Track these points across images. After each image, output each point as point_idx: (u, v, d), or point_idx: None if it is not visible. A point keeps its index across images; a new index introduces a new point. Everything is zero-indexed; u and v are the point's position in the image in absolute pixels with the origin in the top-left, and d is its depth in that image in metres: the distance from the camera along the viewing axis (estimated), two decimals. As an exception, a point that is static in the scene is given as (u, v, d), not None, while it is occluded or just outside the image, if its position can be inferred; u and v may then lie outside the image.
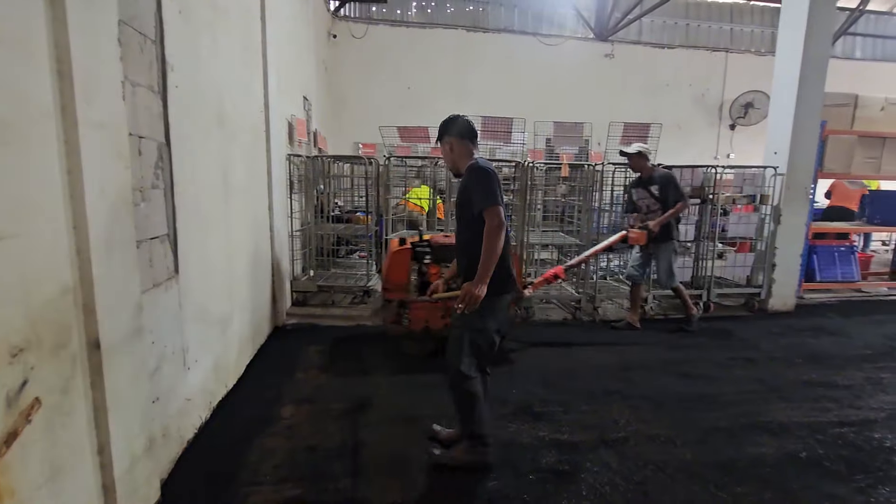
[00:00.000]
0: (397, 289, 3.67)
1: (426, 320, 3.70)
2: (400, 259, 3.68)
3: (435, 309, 3.67)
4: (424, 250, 3.67)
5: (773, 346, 4.37)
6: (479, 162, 2.32)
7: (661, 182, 4.40)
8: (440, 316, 3.67)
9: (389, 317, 3.72)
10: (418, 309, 3.68)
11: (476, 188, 2.23)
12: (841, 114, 5.94)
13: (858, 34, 11.50)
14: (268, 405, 3.01)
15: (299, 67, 5.72)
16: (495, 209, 2.18)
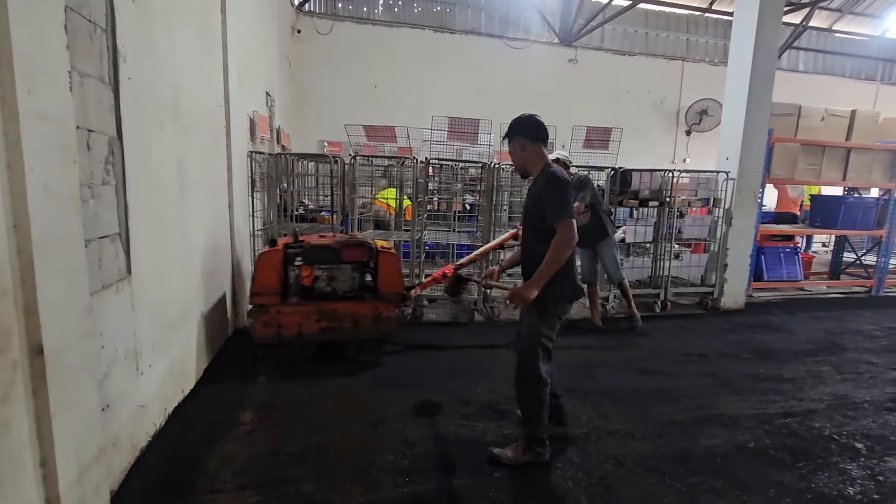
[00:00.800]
0: (267, 293, 3.42)
1: (299, 325, 3.48)
2: (269, 261, 3.45)
3: (309, 313, 3.47)
4: (296, 252, 3.53)
5: (725, 342, 4.59)
6: (556, 170, 2.36)
7: (578, 185, 4.42)
8: (315, 320, 3.48)
9: (259, 324, 3.41)
10: (291, 314, 3.46)
11: (552, 198, 2.28)
12: (786, 123, 6.32)
13: (802, 48, 12.25)
14: (227, 410, 2.91)
15: (262, 62, 5.56)
16: (569, 223, 2.25)
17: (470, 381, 3.44)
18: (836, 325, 5.25)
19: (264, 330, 3.42)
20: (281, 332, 3.46)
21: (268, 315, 3.42)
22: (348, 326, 3.57)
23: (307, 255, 3.53)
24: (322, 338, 3.56)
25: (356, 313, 3.57)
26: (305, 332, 3.50)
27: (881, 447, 2.80)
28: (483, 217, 5.05)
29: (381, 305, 3.61)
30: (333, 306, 3.53)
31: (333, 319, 3.52)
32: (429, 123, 5.23)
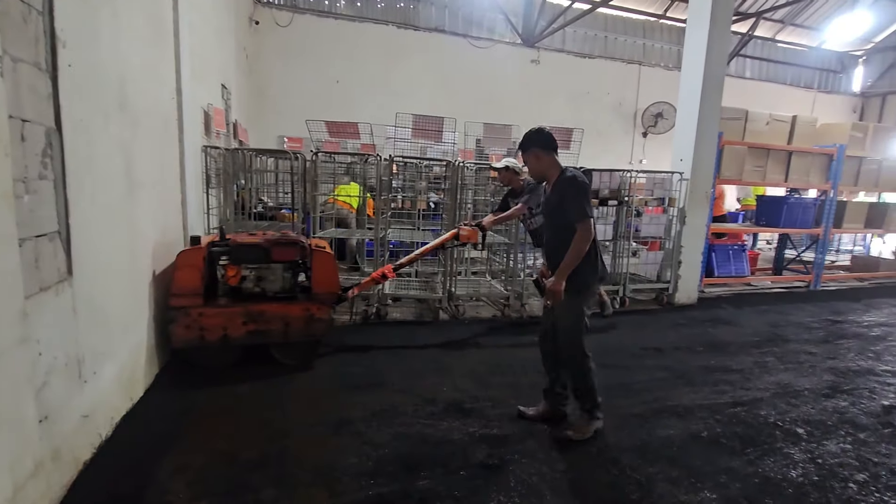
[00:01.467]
0: (187, 294, 3.19)
1: (224, 328, 3.27)
2: (190, 260, 3.21)
3: (234, 315, 3.28)
4: (222, 250, 3.34)
5: (679, 336, 4.78)
6: (576, 174, 2.64)
7: (529, 191, 4.37)
8: (241, 322, 3.29)
9: (178, 327, 3.18)
10: (214, 316, 3.24)
11: (574, 198, 2.56)
12: (734, 127, 6.65)
13: (748, 56, 12.93)
14: (181, 417, 2.78)
15: (217, 53, 5.34)
16: (589, 222, 2.54)
17: (435, 381, 3.43)
18: (779, 318, 5.58)
19: (185, 333, 3.19)
20: (204, 336, 3.24)
21: (188, 318, 3.19)
22: (278, 329, 3.40)
23: (234, 254, 3.35)
24: (250, 341, 3.36)
25: (287, 315, 3.40)
26: (231, 336, 3.30)
27: (819, 431, 2.99)
28: (447, 215, 5.04)
29: (313, 306, 3.47)
30: (262, 307, 3.35)
31: (262, 322, 3.34)
32: (393, 121, 5.17)
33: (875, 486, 2.46)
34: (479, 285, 5.52)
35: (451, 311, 5.02)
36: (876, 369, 4.10)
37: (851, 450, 2.80)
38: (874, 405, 3.40)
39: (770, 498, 2.32)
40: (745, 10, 11.48)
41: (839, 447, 2.82)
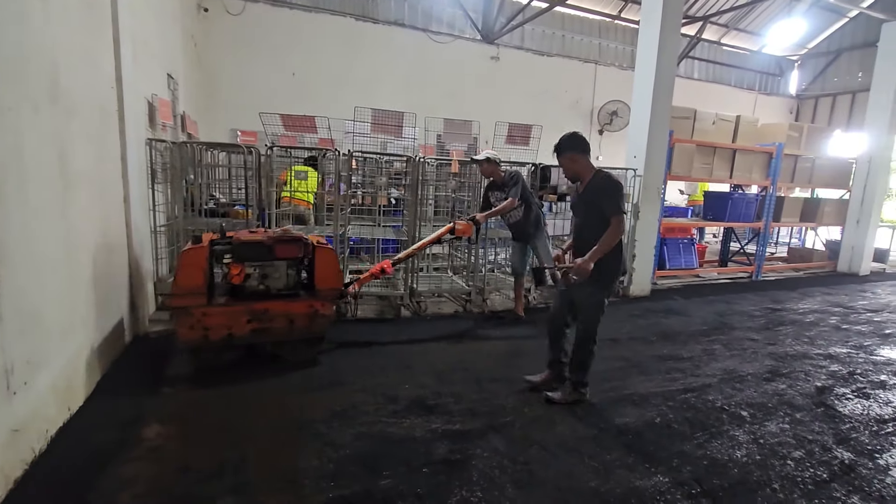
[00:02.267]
0: (190, 293, 3.11)
1: (229, 327, 3.23)
2: (193, 259, 3.13)
3: (238, 314, 3.24)
4: (225, 248, 3.28)
5: (634, 326, 4.96)
6: (610, 174, 2.98)
7: (508, 183, 4.54)
8: (245, 321, 3.27)
9: (182, 327, 3.13)
10: (218, 315, 3.20)
11: (610, 196, 2.88)
12: (684, 125, 6.95)
13: (696, 58, 13.53)
14: (126, 427, 2.62)
15: (162, 40, 5.04)
16: (621, 217, 2.86)
17: (397, 378, 3.40)
18: (725, 308, 5.89)
19: (189, 334, 3.14)
20: (207, 336, 3.19)
21: (192, 318, 3.13)
22: (282, 326, 3.39)
23: (237, 252, 3.27)
24: (254, 340, 3.35)
25: (291, 312, 3.39)
26: (235, 334, 3.26)
27: (762, 413, 3.18)
28: (409, 211, 5.00)
29: (317, 303, 3.45)
30: (266, 305, 3.32)
31: (266, 320, 3.33)
32: (351, 115, 5.06)
33: (809, 461, 2.64)
34: (440, 281, 5.52)
35: (413, 307, 4.99)
36: (810, 353, 4.40)
37: (789, 429, 2.99)
38: (809, 387, 3.65)
39: (717, 479, 2.44)
40: (694, 14, 11.98)
41: (778, 427, 3.01)
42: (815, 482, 2.46)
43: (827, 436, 2.93)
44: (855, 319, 5.64)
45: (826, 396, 3.50)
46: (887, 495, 2.39)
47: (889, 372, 4.03)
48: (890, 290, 7.55)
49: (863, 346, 4.69)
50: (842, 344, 4.71)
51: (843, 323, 5.47)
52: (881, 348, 4.63)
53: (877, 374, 3.98)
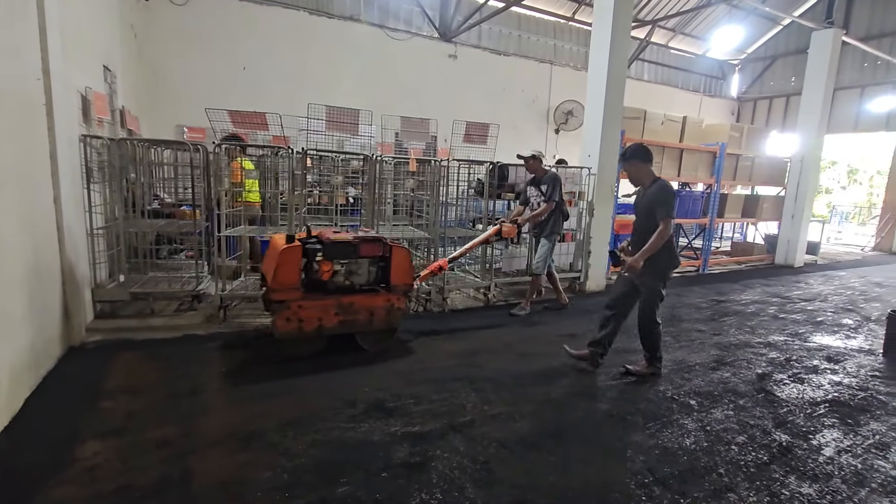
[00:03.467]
0: (287, 289, 3.41)
1: (320, 319, 3.54)
2: (290, 257, 3.41)
3: (328, 307, 3.54)
4: (315, 247, 3.53)
5: (591, 322, 5.06)
6: (665, 183, 3.43)
7: (548, 183, 5.03)
8: (333, 313, 3.57)
9: (280, 319, 3.40)
10: (311, 308, 3.49)
11: (664, 203, 3.31)
12: (635, 125, 7.19)
13: (646, 61, 14.05)
14: (58, 445, 2.43)
15: (96, 30, 4.71)
16: (670, 221, 3.28)
17: (356, 381, 3.33)
18: (675, 301, 6.14)
19: (285, 325, 3.43)
20: (302, 327, 3.48)
21: (289, 310, 3.42)
22: (364, 319, 3.70)
23: (328, 251, 3.55)
24: (340, 330, 3.65)
25: (371, 305, 3.71)
26: (325, 326, 3.56)
27: (708, 402, 3.33)
28: (367, 210, 4.91)
29: (393, 297, 3.77)
30: (351, 299, 3.63)
31: (351, 312, 3.64)
32: (305, 111, 4.90)
33: (751, 445, 2.79)
34: (400, 281, 5.45)
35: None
36: (752, 342, 4.66)
37: (733, 415, 3.15)
38: (750, 374, 3.86)
39: (668, 466, 2.53)
40: (643, 18, 12.43)
41: (724, 414, 3.16)
42: (756, 465, 2.59)
43: (767, 420, 3.11)
44: (791, 309, 6.03)
45: (766, 383, 3.71)
46: (820, 473, 2.55)
47: (821, 357, 4.32)
48: (821, 280, 8.13)
49: (798, 333, 5.01)
50: (779, 332, 5.02)
51: (780, 312, 5.83)
52: (814, 335, 4.97)
53: (810, 359, 4.26)
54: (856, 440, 2.91)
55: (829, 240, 14.28)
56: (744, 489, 2.38)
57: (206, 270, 4.75)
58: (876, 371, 4.05)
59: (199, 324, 4.24)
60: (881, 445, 2.86)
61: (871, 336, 4.99)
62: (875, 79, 12.84)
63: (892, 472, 2.59)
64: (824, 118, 8.89)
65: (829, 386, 3.70)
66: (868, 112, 13.03)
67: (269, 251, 3.73)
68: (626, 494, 2.29)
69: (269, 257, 3.71)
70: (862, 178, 21.65)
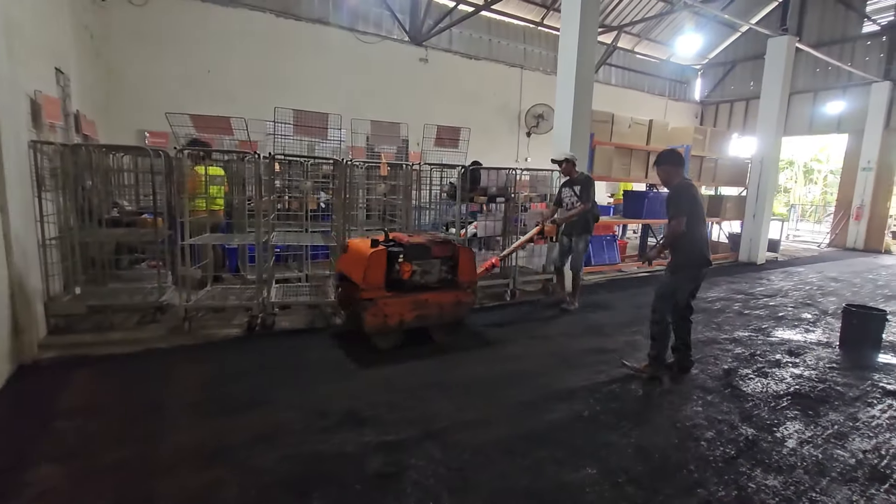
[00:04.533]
0: (375, 288, 3.81)
1: (401, 314, 3.91)
2: (378, 260, 3.82)
3: (406, 303, 3.92)
4: (397, 250, 3.91)
5: (563, 322, 5.14)
6: (680, 185, 3.60)
7: (581, 184, 5.33)
8: (411, 309, 3.94)
9: (369, 315, 3.79)
10: (393, 305, 3.86)
11: (671, 202, 3.56)
12: (604, 129, 7.33)
13: (613, 65, 14.38)
14: (5, 472, 2.28)
15: (46, 30, 4.48)
16: (675, 220, 3.50)
17: (328, 391, 3.26)
18: (645, 300, 6.17)
19: (373, 320, 3.82)
20: (386, 321, 3.87)
21: (376, 307, 3.80)
22: (436, 313, 4.08)
23: (408, 253, 3.91)
24: (416, 324, 4.02)
25: (442, 301, 4.09)
26: (405, 320, 3.95)
27: (679, 399, 3.40)
28: (337, 216, 4.84)
29: (460, 294, 4.16)
30: (426, 296, 4.01)
31: (425, 308, 4.02)
32: (272, 116, 4.79)
33: (719, 440, 2.85)
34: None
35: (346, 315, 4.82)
36: (718, 338, 4.80)
37: (702, 411, 3.22)
38: (717, 370, 3.97)
39: (641, 465, 2.56)
40: (609, 24, 12.73)
41: (693, 410, 3.23)
42: (724, 460, 2.65)
43: (734, 415, 3.19)
44: (754, 305, 6.24)
45: (732, 378, 3.81)
46: (784, 465, 2.63)
47: (783, 351, 4.48)
48: (782, 276, 8.46)
49: (761, 328, 5.18)
50: (744, 328, 5.18)
51: (744, 308, 6.03)
52: (776, 330, 5.15)
53: (773, 353, 4.41)
54: (816, 431, 3.02)
55: (789, 237, 14.92)
56: (713, 484, 2.43)
57: (170, 280, 4.57)
58: (833, 363, 4.22)
59: (162, 336, 4.07)
60: (839, 435, 2.98)
61: (828, 329, 5.21)
62: (827, 83, 13.50)
63: (850, 461, 2.69)
64: (781, 121, 9.28)
65: (790, 379, 3.83)
66: (821, 115, 13.68)
67: (353, 254, 4.06)
68: (600, 495, 2.31)
69: (353, 260, 4.01)
70: (817, 177, 22.71)
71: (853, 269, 9.41)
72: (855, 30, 12.80)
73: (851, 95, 12.86)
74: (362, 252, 3.88)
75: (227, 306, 4.57)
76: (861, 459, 2.71)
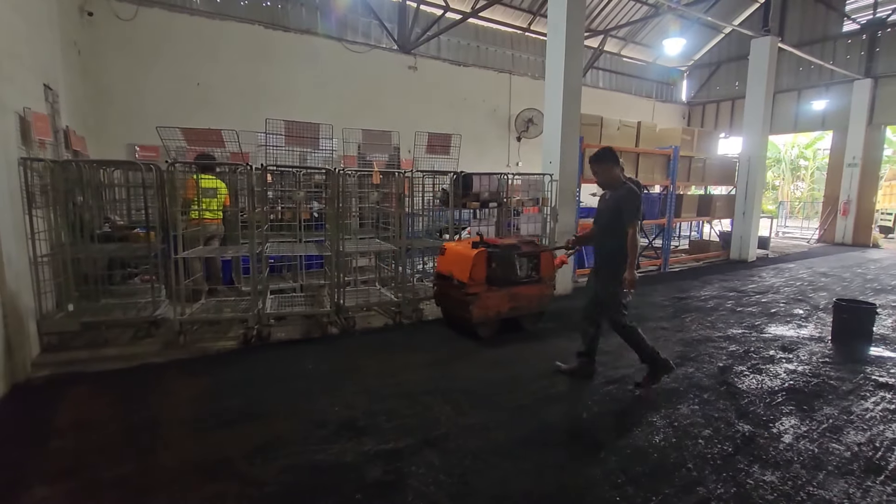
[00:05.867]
0: (479, 284, 4.39)
1: (499, 307, 4.54)
2: (481, 259, 4.42)
3: (503, 296, 4.54)
4: (495, 250, 4.50)
5: (557, 324, 5.16)
6: (632, 187, 3.41)
7: None
8: (506, 301, 4.57)
9: (476, 308, 4.39)
10: (493, 298, 4.48)
11: (633, 204, 3.33)
12: (593, 132, 7.41)
13: (601, 69, 14.55)
14: (1, 492, 2.25)
15: (34, 47, 4.47)
16: (634, 226, 3.32)
17: (325, 401, 3.25)
18: (638, 300, 6.30)
19: (479, 312, 4.44)
20: (487, 313, 4.49)
21: (481, 300, 4.41)
22: (525, 304, 4.72)
23: (504, 253, 4.52)
24: (509, 315, 4.66)
25: (529, 294, 4.72)
26: (501, 312, 4.58)
27: (675, 398, 3.42)
28: (330, 225, 4.84)
29: (543, 287, 4.80)
30: (517, 290, 4.63)
31: (517, 300, 4.65)
32: (263, 127, 4.80)
33: (717, 438, 2.88)
34: (369, 295, 5.39)
35: (342, 324, 4.82)
36: (712, 336, 4.84)
37: (699, 409, 3.25)
38: (712, 368, 4.00)
39: (640, 465, 2.58)
40: (596, 28, 12.89)
41: (689, 409, 3.25)
42: (722, 457, 2.68)
43: (730, 412, 3.22)
44: (747, 302, 6.31)
45: (727, 375, 3.85)
46: (781, 460, 2.66)
47: (776, 347, 4.53)
48: (773, 273, 8.55)
49: (754, 325, 5.24)
50: (737, 325, 5.23)
51: (737, 306, 6.09)
52: (769, 326, 5.21)
53: (766, 350, 4.46)
54: (812, 425, 3.06)
55: (778, 234, 15.09)
56: (711, 482, 2.45)
57: (164, 294, 4.55)
58: (826, 357, 4.28)
59: (157, 351, 4.04)
60: (834, 429, 3.01)
61: (820, 324, 5.27)
62: (810, 82, 13.73)
63: (845, 454, 2.72)
64: (767, 119, 9.42)
65: (785, 375, 3.88)
66: (806, 112, 13.90)
67: (453, 256, 4.64)
68: (600, 496, 2.32)
69: (455, 261, 4.58)
70: (804, 174, 23.02)
71: (842, 264, 9.54)
72: (836, 29, 13.05)
73: (834, 93, 13.09)
74: (465, 253, 4.46)
75: (222, 319, 4.55)
76: (856, 452, 2.75)
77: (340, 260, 5.00)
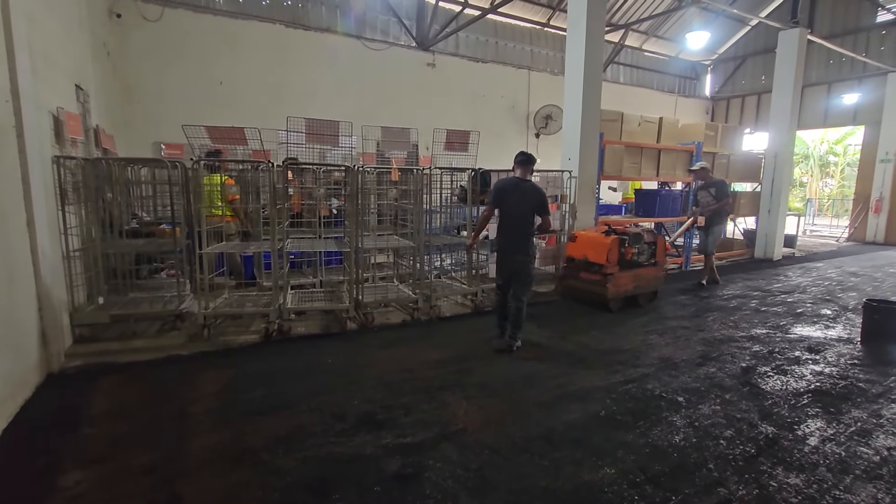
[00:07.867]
0: (614, 265, 5.32)
1: (626, 286, 5.48)
2: (615, 244, 5.32)
3: (629, 277, 5.48)
4: (625, 237, 5.45)
5: (578, 321, 5.13)
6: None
7: (717, 186, 6.92)
8: (631, 280, 5.52)
9: (611, 286, 5.29)
10: (623, 278, 5.42)
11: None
12: (613, 128, 7.31)
13: (621, 63, 14.32)
14: (39, 476, 2.36)
15: (67, 49, 4.63)
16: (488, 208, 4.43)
17: (345, 395, 3.30)
18: (658, 300, 6.21)
19: (613, 290, 5.35)
20: (618, 290, 5.41)
21: (615, 279, 5.33)
22: (644, 284, 5.68)
23: (631, 239, 5.51)
24: (633, 293, 5.60)
25: (648, 275, 5.70)
26: (628, 290, 5.53)
27: (696, 398, 3.37)
28: (350, 221, 4.90)
29: (657, 269, 5.81)
30: (640, 272, 5.60)
31: (639, 280, 5.62)
32: (284, 125, 4.88)
33: (739, 439, 2.83)
34: (387, 291, 5.44)
35: (360, 319, 4.88)
36: (735, 336, 4.74)
37: (720, 410, 3.19)
38: (735, 368, 3.93)
39: (659, 465, 2.55)
40: (616, 22, 12.69)
41: (711, 409, 3.21)
42: (744, 458, 2.63)
43: (753, 413, 3.16)
44: (771, 301, 6.16)
45: (750, 376, 3.77)
46: (806, 463, 2.60)
47: (802, 348, 4.42)
48: (799, 272, 8.32)
49: (779, 325, 5.12)
50: (762, 325, 5.12)
51: (761, 305, 5.95)
52: (794, 327, 5.08)
53: (792, 351, 4.35)
54: (839, 428, 2.98)
55: (806, 232, 14.66)
56: (733, 483, 2.42)
57: (189, 289, 4.67)
58: (855, 359, 4.16)
59: (182, 343, 4.16)
60: (863, 432, 2.93)
61: (849, 325, 5.12)
62: (841, 75, 13.28)
63: (874, 459, 2.65)
64: (794, 114, 9.15)
65: (811, 376, 3.78)
66: (836, 107, 13.45)
67: (586, 242, 5.54)
68: (619, 494, 2.31)
69: (589, 246, 5.47)
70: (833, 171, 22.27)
71: (873, 264, 9.22)
72: (869, 19, 12.58)
73: (867, 86, 12.62)
74: (600, 240, 5.40)
75: (244, 313, 4.65)
76: (886, 457, 2.67)
77: (359, 256, 5.05)
